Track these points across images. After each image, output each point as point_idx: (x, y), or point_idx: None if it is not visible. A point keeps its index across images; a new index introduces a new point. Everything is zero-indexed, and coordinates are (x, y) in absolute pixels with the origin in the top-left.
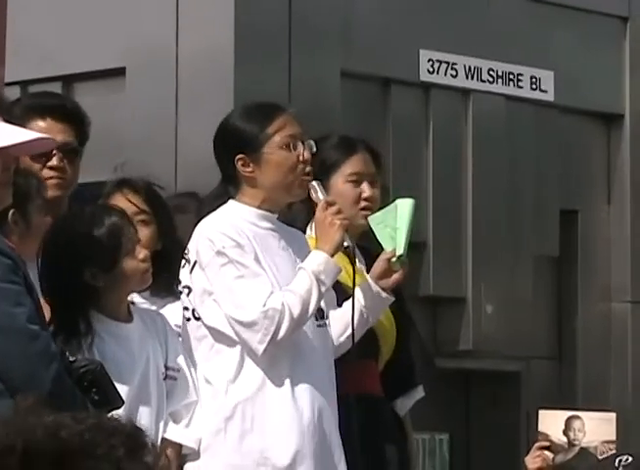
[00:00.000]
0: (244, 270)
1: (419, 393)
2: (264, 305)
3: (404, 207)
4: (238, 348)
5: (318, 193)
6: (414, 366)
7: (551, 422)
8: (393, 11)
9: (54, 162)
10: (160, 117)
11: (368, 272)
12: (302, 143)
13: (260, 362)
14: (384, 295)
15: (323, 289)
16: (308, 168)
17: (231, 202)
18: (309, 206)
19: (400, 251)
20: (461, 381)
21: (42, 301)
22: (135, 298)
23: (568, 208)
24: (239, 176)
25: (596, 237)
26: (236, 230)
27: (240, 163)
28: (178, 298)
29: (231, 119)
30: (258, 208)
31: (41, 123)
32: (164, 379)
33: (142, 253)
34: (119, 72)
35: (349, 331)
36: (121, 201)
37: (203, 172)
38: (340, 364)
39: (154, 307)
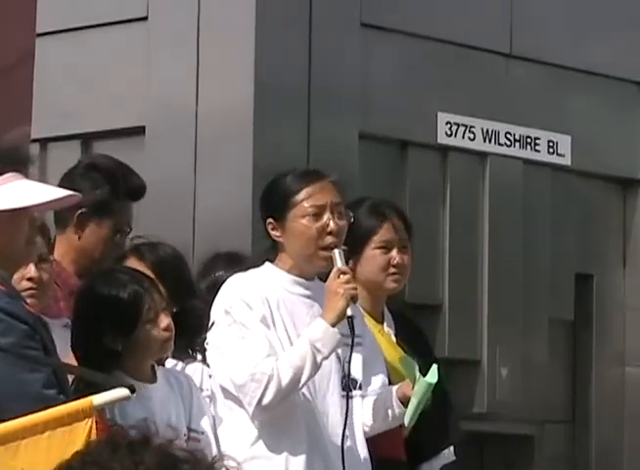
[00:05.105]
0: (245, 332)
1: (447, 457)
2: (254, 368)
3: (421, 384)
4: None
5: (337, 261)
6: (442, 431)
7: None
8: (412, 74)
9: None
10: (179, 177)
11: (397, 335)
12: (332, 213)
13: (257, 425)
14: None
15: (319, 358)
16: (331, 240)
17: (267, 264)
18: None
19: (406, 422)
20: (475, 444)
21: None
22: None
23: (583, 272)
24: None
25: (611, 301)
26: (251, 291)
27: (270, 226)
28: (195, 358)
29: (273, 182)
30: (288, 272)
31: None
32: (187, 440)
33: (164, 321)
34: (139, 131)
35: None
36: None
37: (221, 233)
38: None
39: (178, 367)
